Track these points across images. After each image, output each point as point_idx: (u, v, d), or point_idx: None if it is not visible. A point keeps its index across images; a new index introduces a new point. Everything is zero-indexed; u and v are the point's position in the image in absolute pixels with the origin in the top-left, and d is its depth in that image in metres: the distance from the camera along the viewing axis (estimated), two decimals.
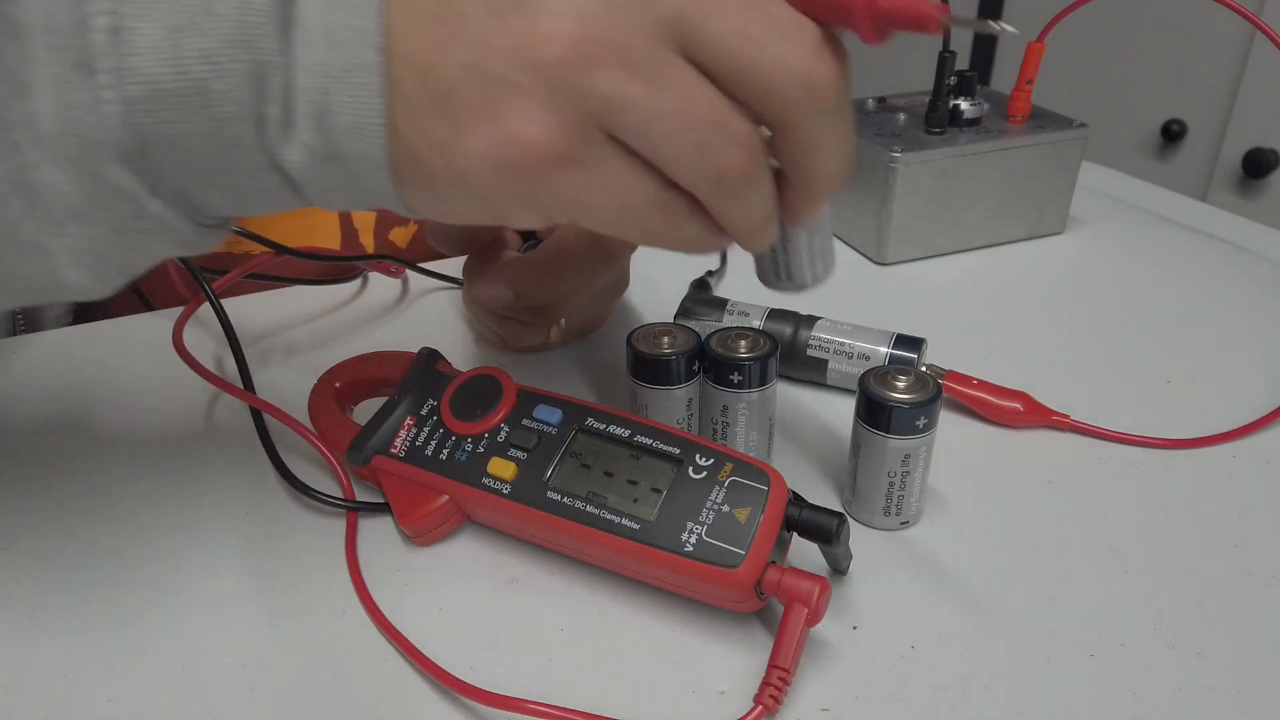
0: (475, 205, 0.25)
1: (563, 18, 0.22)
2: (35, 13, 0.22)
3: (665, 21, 0.22)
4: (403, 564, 0.34)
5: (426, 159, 0.23)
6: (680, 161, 0.23)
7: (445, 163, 0.23)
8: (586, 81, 0.22)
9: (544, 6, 0.22)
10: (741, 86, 0.23)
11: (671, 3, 0.22)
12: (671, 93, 0.22)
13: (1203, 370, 0.45)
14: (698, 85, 0.23)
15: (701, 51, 0.22)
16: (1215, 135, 1.30)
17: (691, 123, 0.22)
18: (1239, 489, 0.37)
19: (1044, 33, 0.55)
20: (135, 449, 0.40)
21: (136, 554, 0.34)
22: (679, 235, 0.25)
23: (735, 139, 0.23)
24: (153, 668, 0.30)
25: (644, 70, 0.22)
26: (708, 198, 0.24)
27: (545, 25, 0.22)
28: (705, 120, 0.23)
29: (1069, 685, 0.29)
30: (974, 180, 0.55)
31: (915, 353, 0.41)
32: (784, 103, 0.23)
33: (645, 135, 0.23)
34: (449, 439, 0.34)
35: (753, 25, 0.22)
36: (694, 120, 0.22)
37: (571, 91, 0.22)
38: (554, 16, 0.22)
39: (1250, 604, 0.32)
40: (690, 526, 0.29)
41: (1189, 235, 0.60)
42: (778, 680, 0.27)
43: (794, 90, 0.23)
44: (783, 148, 0.25)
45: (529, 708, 0.27)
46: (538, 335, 0.45)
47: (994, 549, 0.34)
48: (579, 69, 0.22)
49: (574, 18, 0.22)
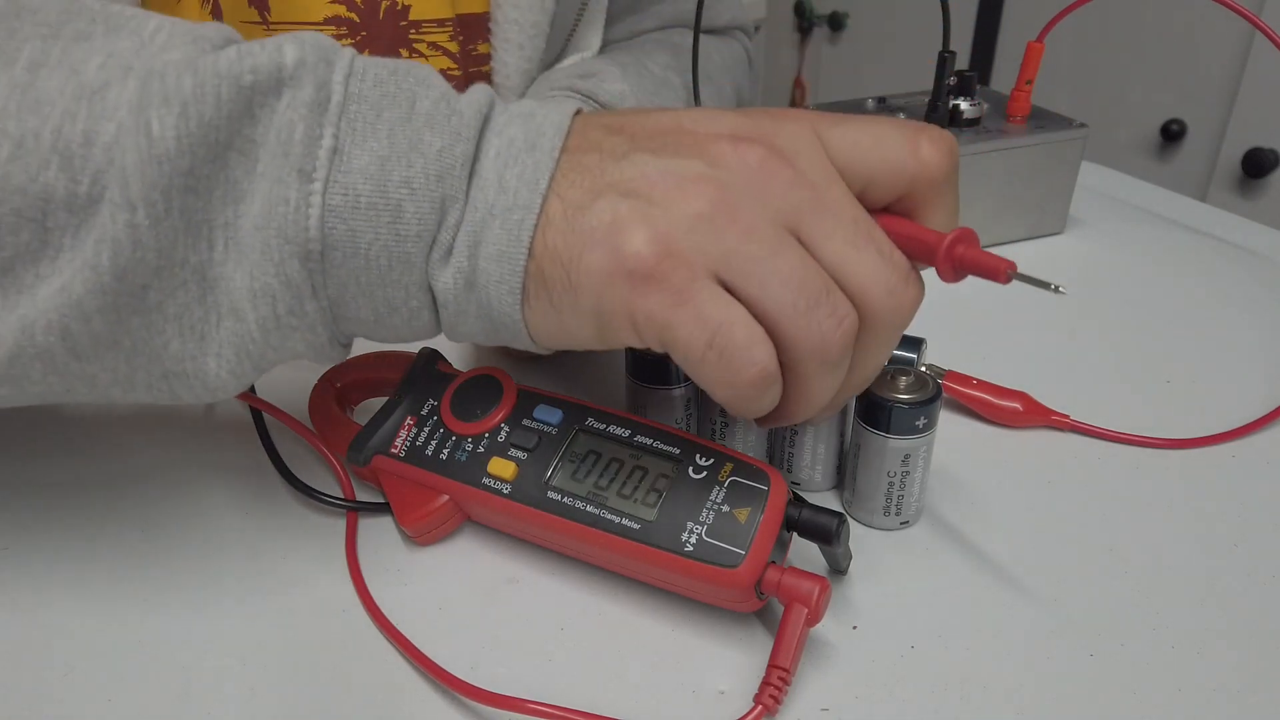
0: (581, 320, 0.27)
1: (708, 185, 0.26)
2: (276, 130, 0.26)
3: (788, 211, 0.26)
4: (403, 564, 0.34)
5: (551, 272, 0.27)
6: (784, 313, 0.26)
7: (565, 278, 0.27)
8: (711, 235, 0.25)
9: (693, 169, 0.26)
10: (841, 281, 0.26)
11: (795, 198, 0.26)
12: (787, 257, 0.26)
13: (1202, 370, 0.45)
14: (810, 261, 0.26)
15: (815, 247, 0.26)
16: (1215, 135, 1.30)
17: (804, 283, 0.26)
18: (1239, 489, 0.37)
19: (1044, 33, 0.55)
20: (135, 449, 0.40)
21: (136, 554, 0.34)
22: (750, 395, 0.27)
23: (840, 311, 0.26)
24: (153, 668, 0.30)
25: (766, 240, 0.26)
26: (801, 360, 0.27)
27: (692, 185, 0.26)
28: (816, 286, 0.26)
29: (1069, 685, 0.29)
30: (974, 180, 0.55)
31: (915, 352, 0.41)
32: (872, 308, 0.27)
33: (756, 284, 0.26)
34: (449, 439, 0.34)
35: (860, 238, 0.26)
36: (806, 282, 0.26)
37: (696, 239, 0.25)
38: (700, 180, 0.26)
39: (1250, 604, 0.32)
40: (690, 526, 0.29)
41: (1188, 235, 0.60)
42: (778, 680, 0.27)
43: (883, 299, 0.27)
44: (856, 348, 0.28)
45: (529, 708, 0.27)
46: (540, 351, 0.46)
47: (994, 549, 0.34)
48: (708, 225, 0.25)
49: (718, 185, 0.26)
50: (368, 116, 0.27)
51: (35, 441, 0.40)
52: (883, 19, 1.85)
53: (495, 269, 0.27)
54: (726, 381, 0.26)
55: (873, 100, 0.61)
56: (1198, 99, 1.31)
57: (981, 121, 0.57)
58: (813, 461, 0.36)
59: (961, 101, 0.56)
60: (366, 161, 0.26)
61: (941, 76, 0.54)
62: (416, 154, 0.27)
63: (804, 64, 2.08)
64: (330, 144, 0.26)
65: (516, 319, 0.28)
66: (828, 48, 2.02)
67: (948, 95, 0.55)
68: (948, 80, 0.54)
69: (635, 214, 0.26)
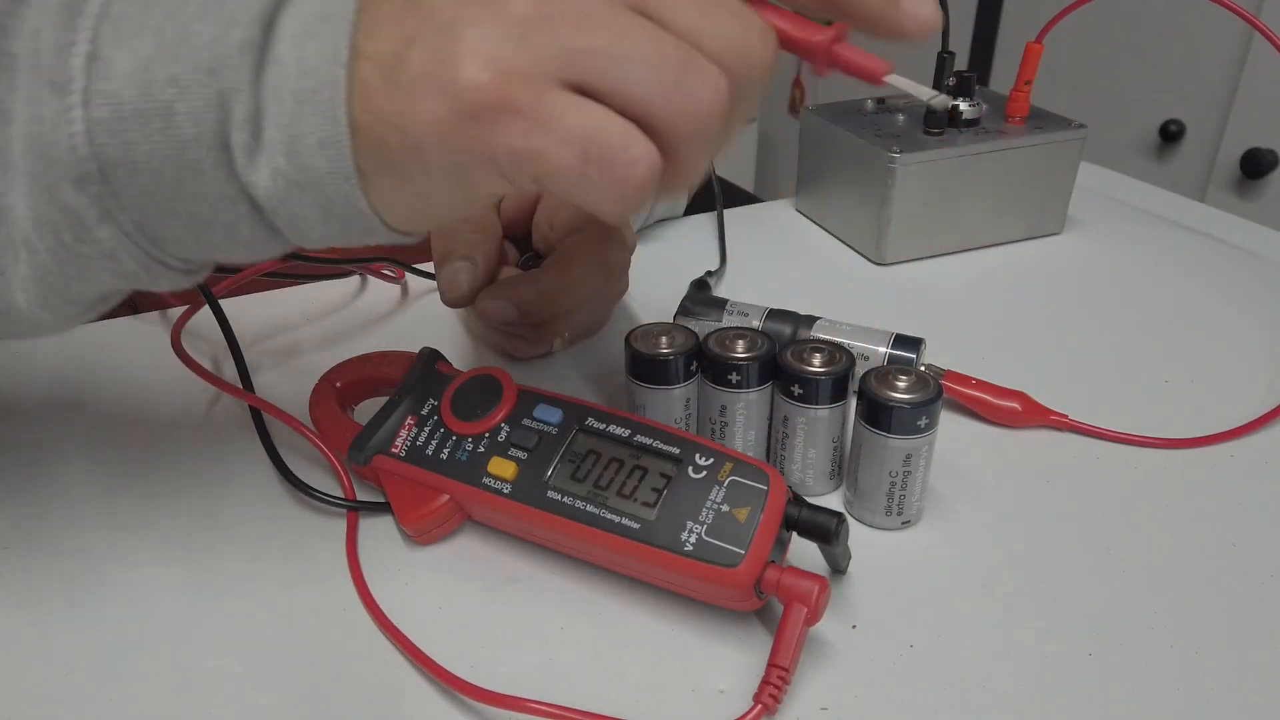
0: (437, 182, 0.24)
1: None
2: (25, 39, 0.23)
3: None
4: (403, 564, 0.34)
5: (386, 140, 0.23)
6: (656, 98, 0.23)
7: (401, 136, 0.23)
8: (546, 36, 0.22)
9: None
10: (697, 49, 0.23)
11: None
12: (638, 37, 0.23)
13: (1201, 370, 0.45)
14: (661, 33, 0.23)
15: (662, 20, 0.23)
16: (1213, 136, 1.31)
17: (664, 59, 0.23)
18: (1237, 489, 0.37)
19: (1043, 33, 0.55)
20: (135, 450, 0.40)
21: (136, 554, 0.34)
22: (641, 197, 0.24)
23: (710, 77, 0.23)
24: (153, 668, 0.30)
25: (607, 24, 0.22)
26: (682, 141, 0.24)
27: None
28: (677, 57, 0.23)
29: (1068, 685, 0.29)
30: (973, 181, 0.55)
31: (914, 353, 0.41)
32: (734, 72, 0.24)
33: (615, 77, 0.23)
34: (449, 439, 0.34)
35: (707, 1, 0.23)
36: (666, 57, 0.23)
37: (529, 47, 0.22)
38: None
39: (1249, 603, 0.32)
40: (690, 526, 0.29)
41: (1187, 235, 0.60)
42: (777, 679, 0.27)
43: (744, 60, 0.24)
44: None
45: (529, 707, 0.27)
46: (540, 348, 0.46)
47: (993, 549, 0.34)
48: (537, 26, 0.22)
49: None
50: (132, 14, 0.23)
51: (35, 441, 0.40)
52: None
53: (321, 160, 0.24)
54: (615, 195, 0.23)
55: (872, 100, 0.61)
56: (1196, 99, 1.31)
57: (980, 122, 0.57)
58: (804, 465, 0.36)
59: (961, 102, 0.56)
60: (130, 65, 0.23)
61: (941, 77, 0.54)
62: (185, 47, 0.23)
63: (803, 65, 2.08)
64: (86, 49, 0.23)
65: (363, 207, 0.25)
66: None
67: None
68: (947, 81, 0.54)
69: (455, 42, 0.22)
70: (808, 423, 0.35)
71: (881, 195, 0.54)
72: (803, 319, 0.43)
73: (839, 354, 0.35)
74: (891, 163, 0.53)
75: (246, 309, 0.50)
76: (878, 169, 0.54)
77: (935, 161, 0.53)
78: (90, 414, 0.42)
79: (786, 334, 0.43)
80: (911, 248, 0.56)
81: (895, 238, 0.55)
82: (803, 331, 0.42)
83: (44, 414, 0.42)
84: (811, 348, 0.35)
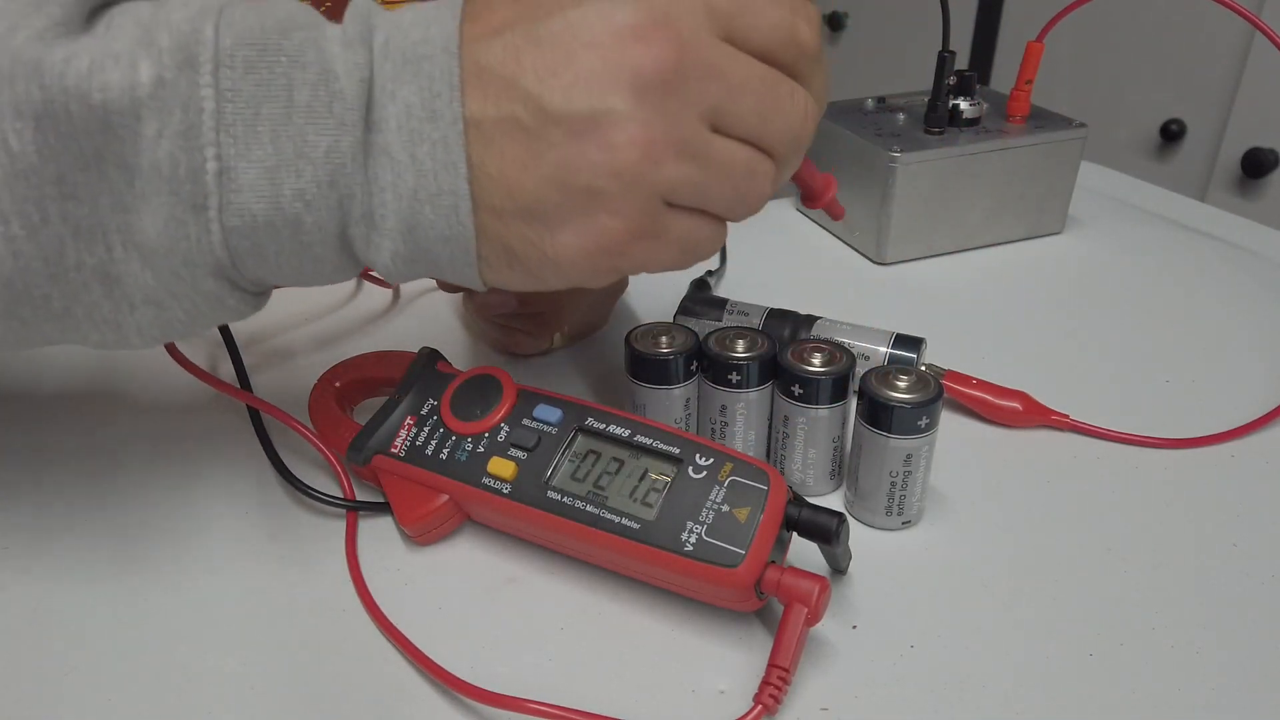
0: (564, 281, 0.29)
1: (629, 125, 0.26)
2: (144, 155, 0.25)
3: (703, 111, 0.27)
4: (403, 564, 0.34)
5: (522, 253, 0.28)
6: (727, 209, 0.29)
7: (541, 254, 0.27)
8: (655, 175, 0.27)
9: (610, 117, 0.26)
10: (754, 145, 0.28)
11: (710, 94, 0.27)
12: (716, 163, 0.27)
13: (1202, 370, 0.45)
14: (732, 151, 0.28)
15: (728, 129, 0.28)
16: (1214, 135, 1.30)
17: (735, 182, 0.28)
18: (1238, 489, 0.37)
19: (1043, 32, 0.55)
20: (134, 450, 0.40)
21: (136, 554, 0.34)
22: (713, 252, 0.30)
23: (761, 181, 0.29)
24: (153, 667, 0.30)
25: (694, 153, 0.27)
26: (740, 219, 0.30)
27: (616, 135, 0.26)
28: (743, 175, 0.28)
29: (1068, 685, 0.29)
30: (973, 180, 0.55)
31: (915, 352, 0.41)
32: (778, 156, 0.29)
33: (701, 200, 0.28)
34: (449, 438, 0.34)
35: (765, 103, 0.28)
36: (736, 180, 0.28)
37: (645, 185, 0.27)
38: (621, 126, 0.26)
39: (1249, 604, 0.32)
40: (690, 526, 0.29)
41: (1188, 235, 0.60)
42: (777, 680, 0.27)
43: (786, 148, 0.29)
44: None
45: (529, 707, 0.27)
46: (540, 343, 0.46)
47: (993, 549, 0.34)
48: (648, 166, 0.26)
49: (639, 123, 0.26)
50: (246, 118, 0.25)
51: (35, 442, 0.40)
52: (883, 19, 1.85)
53: (443, 250, 0.28)
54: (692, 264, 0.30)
55: (872, 100, 0.61)
56: (1197, 99, 1.31)
57: (981, 121, 0.57)
58: (804, 465, 0.36)
59: (961, 101, 0.56)
60: (255, 176, 0.26)
61: (941, 76, 0.54)
62: (304, 161, 0.26)
63: None
64: (215, 167, 0.25)
65: (476, 281, 0.29)
66: (828, 47, 2.02)
67: (947, 95, 0.55)
68: (947, 80, 0.54)
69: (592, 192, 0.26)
70: (808, 423, 0.35)
71: (882, 195, 0.54)
72: (803, 319, 0.43)
73: (839, 354, 0.35)
74: (892, 162, 0.53)
75: None
76: (878, 168, 0.54)
77: (936, 161, 0.53)
78: (90, 414, 0.42)
79: (786, 334, 0.43)
80: (912, 247, 0.56)
81: (896, 237, 0.55)
82: (803, 331, 0.42)
83: (45, 415, 0.42)
84: (812, 348, 0.35)
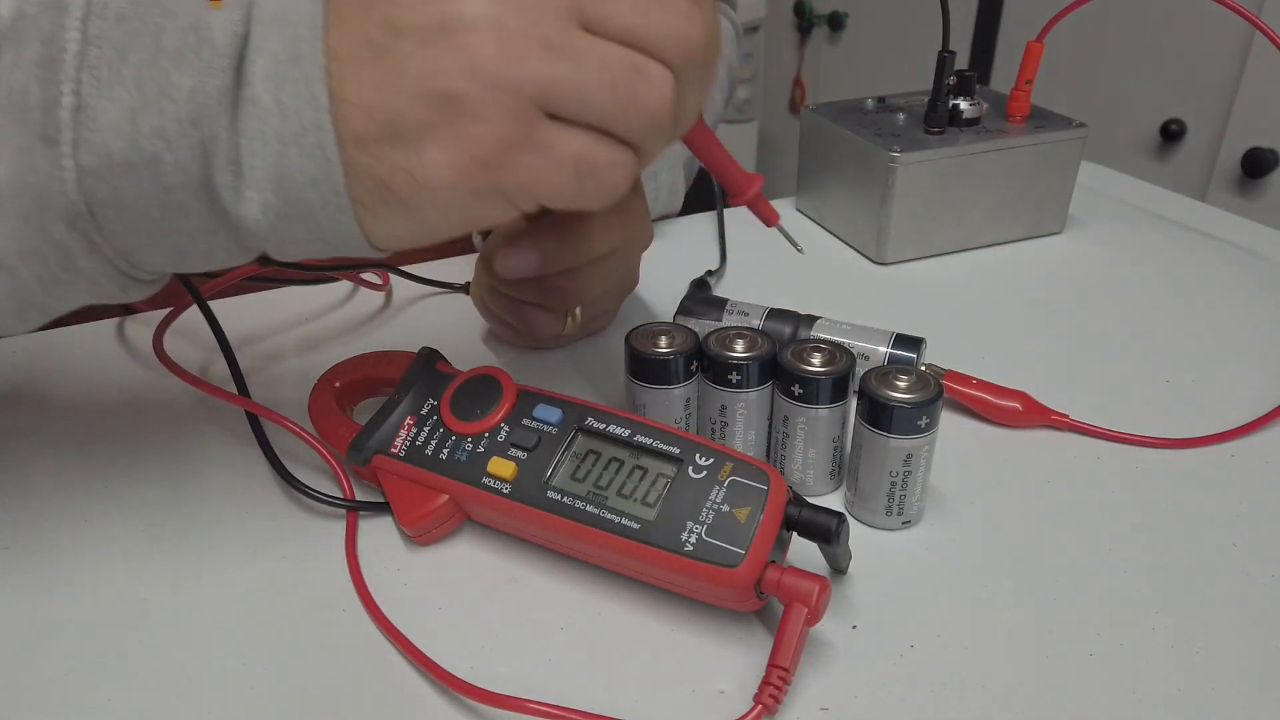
0: (445, 213, 0.27)
1: (483, 25, 0.25)
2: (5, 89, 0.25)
3: (568, 7, 0.25)
4: (403, 564, 0.34)
5: (392, 181, 0.26)
6: (621, 122, 0.27)
7: (411, 179, 0.26)
8: (519, 71, 0.25)
9: (463, 20, 0.25)
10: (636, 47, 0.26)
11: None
12: (590, 60, 0.26)
13: (1202, 370, 0.45)
14: (608, 48, 0.26)
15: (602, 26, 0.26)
16: (1214, 135, 1.30)
17: (616, 83, 0.26)
18: (1238, 489, 0.37)
19: (1043, 32, 0.55)
20: (133, 450, 0.40)
21: (136, 554, 0.34)
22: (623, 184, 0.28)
23: (655, 82, 0.26)
24: (153, 668, 0.30)
25: (562, 49, 0.25)
26: (642, 139, 0.27)
27: (470, 36, 0.25)
28: (625, 73, 0.26)
29: (1068, 685, 0.29)
30: (973, 180, 0.55)
31: (915, 352, 0.41)
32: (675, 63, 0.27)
33: (581, 103, 0.26)
34: (449, 438, 0.34)
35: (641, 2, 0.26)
36: (617, 80, 0.26)
37: (508, 84, 0.25)
38: (475, 27, 0.25)
39: (1249, 604, 0.32)
40: (690, 526, 0.29)
41: (1188, 235, 0.60)
42: (777, 680, 0.27)
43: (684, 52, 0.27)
44: None
45: (529, 707, 0.27)
46: (555, 324, 0.44)
47: (993, 549, 0.34)
48: (509, 63, 0.25)
49: (492, 22, 0.25)
50: (112, 62, 0.25)
51: (35, 442, 0.40)
52: (883, 19, 1.85)
53: (313, 195, 0.26)
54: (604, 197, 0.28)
55: (872, 100, 0.61)
56: (1197, 99, 1.31)
57: (981, 121, 0.57)
58: (804, 465, 0.36)
59: (961, 101, 0.56)
60: (116, 115, 0.25)
61: (941, 76, 0.54)
62: (166, 100, 0.25)
63: (804, 64, 2.08)
64: (71, 102, 0.24)
65: (356, 232, 0.27)
66: (827, 48, 2.02)
67: (947, 95, 0.55)
68: (947, 80, 0.54)
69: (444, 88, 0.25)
70: (808, 423, 0.35)
71: (882, 194, 0.54)
72: (803, 319, 0.43)
73: (839, 354, 0.35)
74: (892, 162, 0.53)
75: (237, 312, 0.50)
76: (878, 168, 0.54)
77: (936, 161, 0.53)
78: (90, 416, 0.42)
79: (786, 334, 0.43)
80: (912, 247, 0.56)
81: (895, 237, 0.55)
82: (803, 331, 0.42)
83: (45, 416, 0.42)
84: (811, 347, 0.35)
